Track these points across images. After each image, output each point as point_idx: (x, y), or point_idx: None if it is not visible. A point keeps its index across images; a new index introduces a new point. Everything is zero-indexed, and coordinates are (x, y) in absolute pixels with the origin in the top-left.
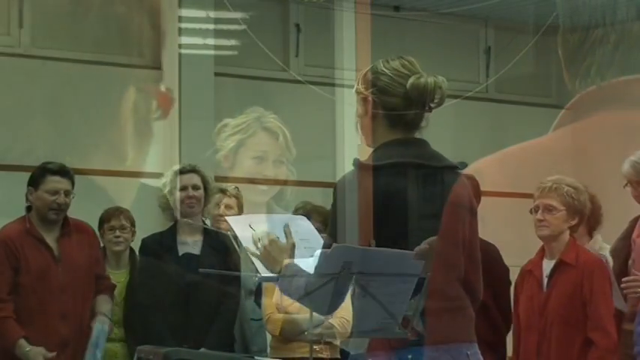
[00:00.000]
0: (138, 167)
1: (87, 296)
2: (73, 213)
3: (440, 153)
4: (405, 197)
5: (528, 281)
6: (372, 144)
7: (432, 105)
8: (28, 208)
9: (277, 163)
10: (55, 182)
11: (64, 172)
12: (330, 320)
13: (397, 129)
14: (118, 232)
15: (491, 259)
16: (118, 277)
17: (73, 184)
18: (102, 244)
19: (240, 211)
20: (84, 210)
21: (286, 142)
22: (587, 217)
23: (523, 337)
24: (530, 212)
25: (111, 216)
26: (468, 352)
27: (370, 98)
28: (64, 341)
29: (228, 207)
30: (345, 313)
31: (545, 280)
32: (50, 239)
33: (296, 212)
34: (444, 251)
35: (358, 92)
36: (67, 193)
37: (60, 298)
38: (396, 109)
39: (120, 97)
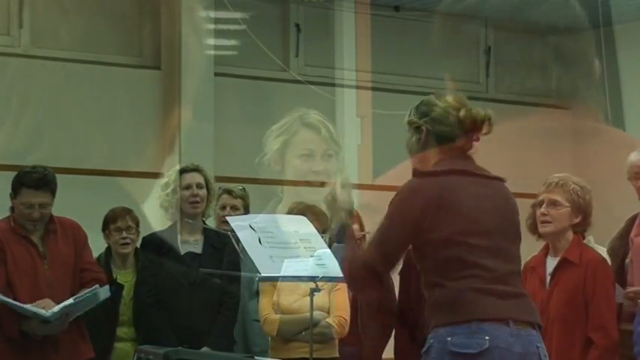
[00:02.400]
0: (140, 167)
1: (75, 291)
2: (75, 212)
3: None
4: (463, 198)
5: (531, 278)
6: (423, 167)
7: (482, 134)
8: (12, 209)
9: (325, 157)
10: (30, 196)
11: (41, 184)
12: (327, 319)
13: (445, 153)
14: (124, 234)
15: None
16: (125, 276)
17: (52, 193)
18: (107, 245)
19: (246, 212)
20: (79, 209)
21: (330, 134)
22: (590, 217)
23: None
24: (534, 207)
25: (117, 216)
26: (538, 345)
27: (424, 127)
28: (54, 337)
29: (234, 208)
30: (342, 311)
31: (548, 278)
32: (35, 237)
33: (290, 212)
34: (504, 248)
35: (411, 122)
36: (42, 206)
37: (48, 294)
38: (449, 137)
39: (119, 97)
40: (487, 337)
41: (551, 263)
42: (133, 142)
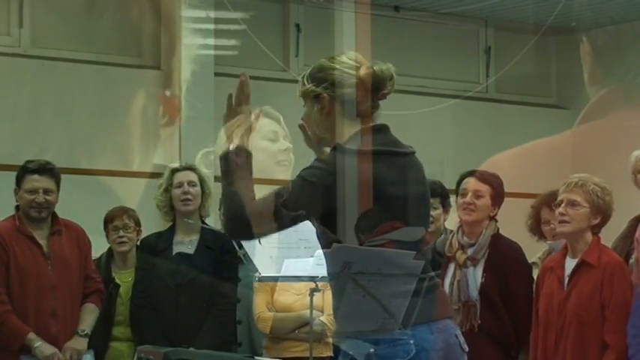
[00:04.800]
0: (140, 167)
1: (77, 295)
2: (76, 212)
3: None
4: (394, 183)
5: (549, 278)
6: (336, 138)
7: (385, 92)
8: (18, 207)
9: (288, 140)
10: (34, 181)
11: (43, 170)
12: (320, 318)
13: (356, 121)
14: (121, 232)
15: (512, 257)
16: (125, 276)
17: (56, 181)
18: (108, 245)
19: None
20: (83, 209)
21: (285, 128)
22: (609, 219)
23: (542, 334)
24: (536, 208)
25: (114, 216)
26: (456, 333)
27: (325, 95)
28: (54, 339)
29: None
30: None
31: (566, 279)
32: (40, 237)
33: None
34: (423, 238)
35: (307, 92)
36: (47, 192)
37: (50, 296)
38: (354, 101)
39: (119, 97)
40: (412, 342)
41: (570, 264)
42: (132, 142)
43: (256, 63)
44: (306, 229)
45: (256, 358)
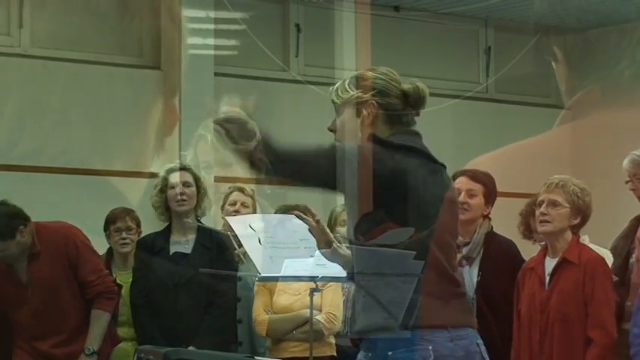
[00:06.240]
0: (140, 167)
1: (69, 310)
2: (76, 212)
3: None
4: (419, 180)
5: (530, 278)
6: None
7: (421, 109)
8: None
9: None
10: None
11: None
12: (317, 317)
13: (395, 127)
14: (124, 234)
15: (508, 255)
16: (126, 277)
17: (12, 232)
18: (108, 245)
19: (254, 212)
20: (78, 209)
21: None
22: (588, 219)
23: (525, 333)
24: (529, 206)
25: (117, 217)
26: (478, 342)
27: (373, 102)
28: (49, 356)
29: (244, 205)
30: (332, 308)
31: (547, 278)
32: (20, 265)
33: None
34: (447, 242)
35: (354, 98)
36: (3, 249)
37: (33, 323)
38: (398, 110)
39: (119, 97)
40: (430, 347)
41: (550, 263)
42: (133, 143)
43: (256, 63)
44: (307, 229)
45: (256, 358)
